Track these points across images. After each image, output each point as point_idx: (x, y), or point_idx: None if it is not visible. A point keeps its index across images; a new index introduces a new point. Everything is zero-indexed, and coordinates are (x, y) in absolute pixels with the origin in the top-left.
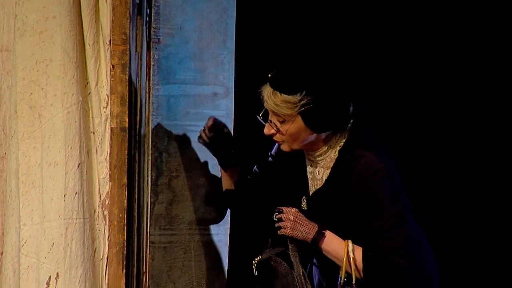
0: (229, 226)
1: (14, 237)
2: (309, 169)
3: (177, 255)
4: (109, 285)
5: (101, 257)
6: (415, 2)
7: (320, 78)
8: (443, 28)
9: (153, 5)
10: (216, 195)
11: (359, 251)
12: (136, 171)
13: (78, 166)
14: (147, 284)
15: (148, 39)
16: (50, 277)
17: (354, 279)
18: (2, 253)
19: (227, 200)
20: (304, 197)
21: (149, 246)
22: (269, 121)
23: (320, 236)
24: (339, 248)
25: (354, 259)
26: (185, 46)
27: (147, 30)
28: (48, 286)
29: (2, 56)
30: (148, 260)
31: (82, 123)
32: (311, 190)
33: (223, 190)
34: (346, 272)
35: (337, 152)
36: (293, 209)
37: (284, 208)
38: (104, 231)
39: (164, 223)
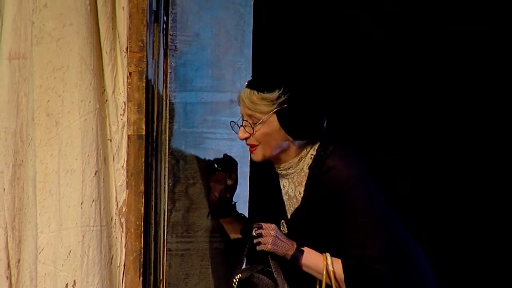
0: None
1: (31, 245)
2: (283, 189)
3: (194, 263)
4: None
5: (118, 264)
6: (414, 3)
7: (297, 77)
8: (443, 29)
9: (170, 12)
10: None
11: (338, 262)
12: (153, 178)
13: (95, 174)
14: None
15: (165, 46)
16: (67, 285)
17: None
18: (19, 261)
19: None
20: (282, 220)
21: (166, 253)
22: (243, 124)
23: (299, 252)
24: (318, 261)
25: (333, 271)
26: (202, 53)
27: (164, 37)
28: None
29: (19, 64)
30: (165, 267)
31: (99, 130)
32: (289, 211)
33: (232, 240)
34: (326, 285)
35: (307, 168)
36: (273, 225)
37: (263, 224)
38: (121, 238)
39: (181, 230)
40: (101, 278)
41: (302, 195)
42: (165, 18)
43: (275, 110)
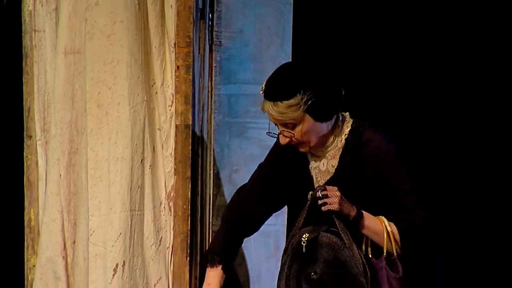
0: (286, 217)
1: (84, 227)
2: (312, 164)
3: None
4: (174, 272)
5: (167, 246)
6: (416, 2)
7: (311, 74)
8: (443, 29)
9: (215, 10)
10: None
11: (393, 225)
12: (199, 165)
13: (142, 161)
14: None
15: (210, 42)
16: (117, 265)
17: (394, 252)
18: (74, 242)
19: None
20: (311, 192)
21: (211, 235)
22: (281, 132)
23: (360, 213)
24: (376, 223)
25: (392, 232)
26: (245, 48)
27: (210, 33)
28: (115, 273)
29: (74, 58)
30: None
31: (147, 120)
32: (320, 182)
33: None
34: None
35: (343, 140)
36: (336, 187)
37: (327, 186)
38: (169, 221)
39: None
40: (144, 259)
41: (335, 167)
42: (210, 15)
43: (304, 110)
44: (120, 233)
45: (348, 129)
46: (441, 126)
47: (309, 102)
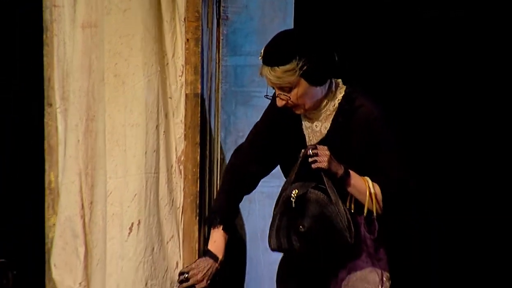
0: None
1: (102, 189)
2: (306, 124)
3: (243, 204)
4: (184, 230)
5: (178, 206)
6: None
7: (306, 41)
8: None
9: None
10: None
11: (376, 185)
12: (208, 131)
13: (156, 127)
14: None
15: (217, 17)
16: (132, 224)
17: (375, 211)
18: (92, 203)
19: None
20: (302, 150)
21: None
22: (278, 95)
23: (347, 172)
24: (361, 183)
25: (374, 193)
26: (250, 22)
27: (217, 8)
28: (131, 231)
29: (91, 31)
30: None
31: (160, 89)
32: (312, 142)
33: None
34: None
35: (336, 104)
36: (326, 147)
37: (317, 145)
38: (180, 183)
39: None
40: (159, 218)
41: (328, 128)
42: None
43: (299, 75)
44: (136, 194)
45: (341, 94)
46: (438, 126)
47: (304, 67)
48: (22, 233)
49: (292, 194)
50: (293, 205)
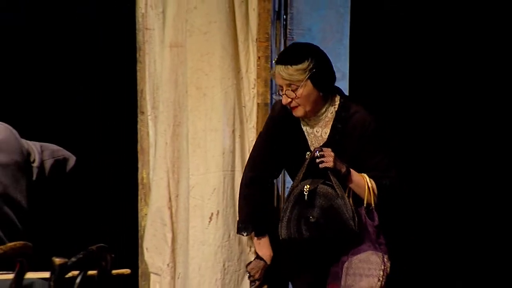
0: None
1: (185, 184)
2: (307, 130)
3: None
4: None
5: None
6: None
7: (318, 51)
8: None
9: (288, 12)
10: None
11: (372, 181)
12: None
13: (233, 132)
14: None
15: (284, 38)
16: (212, 214)
17: (373, 202)
18: (177, 196)
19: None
20: (308, 152)
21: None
22: (284, 93)
23: (349, 170)
24: (360, 179)
25: (372, 187)
26: (312, 43)
27: (284, 31)
28: (211, 221)
29: (177, 51)
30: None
31: (236, 100)
32: (315, 145)
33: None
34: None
35: (334, 112)
36: (330, 149)
37: (323, 148)
38: None
39: None
40: (235, 210)
41: (328, 134)
42: (284, 16)
43: (308, 76)
44: (215, 189)
45: (337, 103)
46: (437, 126)
47: (313, 70)
48: (119, 221)
49: (304, 189)
50: (306, 198)
